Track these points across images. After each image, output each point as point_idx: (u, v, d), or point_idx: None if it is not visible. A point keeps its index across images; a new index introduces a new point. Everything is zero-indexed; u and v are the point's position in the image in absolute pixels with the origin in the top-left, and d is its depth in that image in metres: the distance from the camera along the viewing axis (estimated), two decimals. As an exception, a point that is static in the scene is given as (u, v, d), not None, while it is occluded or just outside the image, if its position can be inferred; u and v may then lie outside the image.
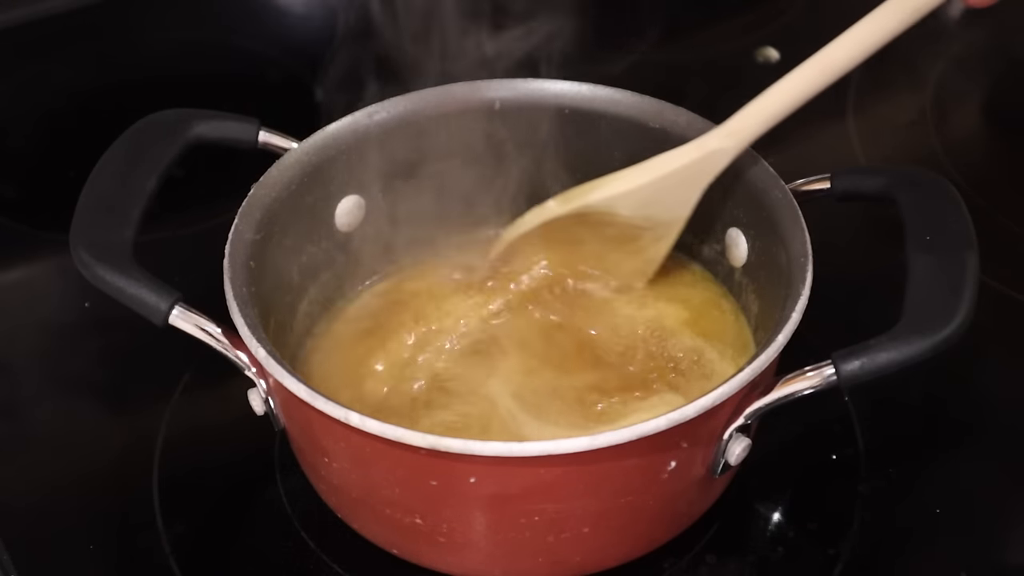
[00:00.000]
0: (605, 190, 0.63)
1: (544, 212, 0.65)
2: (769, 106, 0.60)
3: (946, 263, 0.55)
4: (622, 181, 0.63)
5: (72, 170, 0.68)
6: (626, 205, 0.63)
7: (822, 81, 0.58)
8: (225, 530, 0.65)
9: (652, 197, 0.62)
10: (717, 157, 0.61)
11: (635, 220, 0.63)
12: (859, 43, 0.57)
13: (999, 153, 0.91)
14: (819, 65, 0.58)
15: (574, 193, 0.64)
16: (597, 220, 0.64)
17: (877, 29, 0.57)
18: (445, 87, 0.68)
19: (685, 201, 0.63)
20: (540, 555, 0.57)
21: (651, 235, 0.65)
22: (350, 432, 0.52)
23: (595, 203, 0.63)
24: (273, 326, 0.62)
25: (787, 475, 0.66)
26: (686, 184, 0.62)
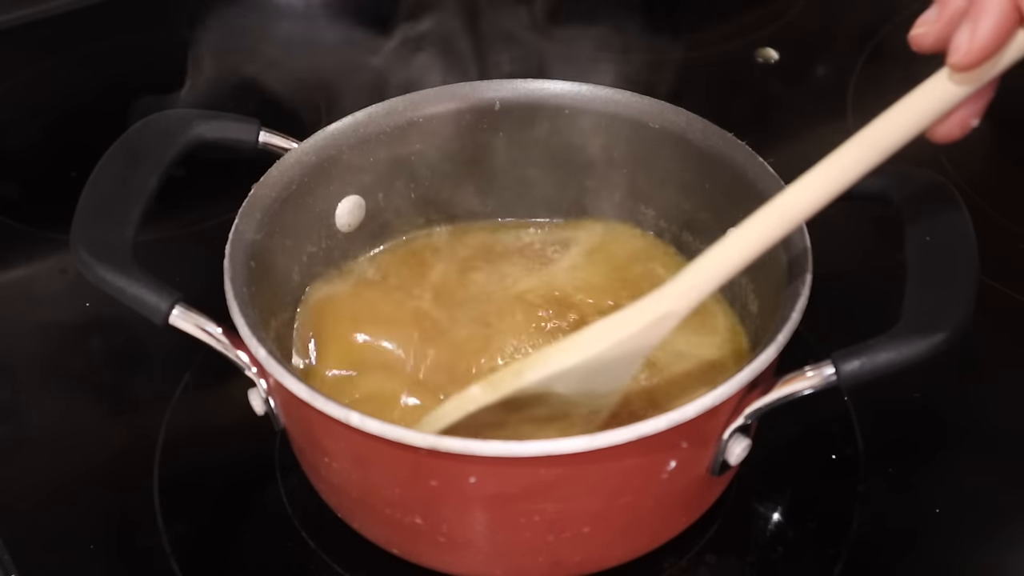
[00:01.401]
0: (540, 369, 0.54)
1: (468, 402, 0.55)
2: (725, 261, 0.53)
3: (946, 263, 0.55)
4: (559, 357, 0.54)
5: (73, 170, 0.68)
6: (563, 384, 0.54)
7: (784, 226, 0.53)
8: (225, 530, 0.65)
9: (593, 371, 0.54)
10: (667, 320, 0.53)
11: (572, 398, 0.55)
12: (824, 184, 0.52)
13: (999, 153, 0.91)
14: (781, 209, 0.53)
15: (502, 377, 0.54)
16: (526, 402, 0.55)
17: (845, 169, 0.51)
18: (445, 87, 0.68)
19: (626, 371, 0.56)
20: (540, 555, 0.57)
21: (584, 410, 0.57)
22: (350, 432, 0.52)
23: (529, 386, 0.54)
24: (273, 326, 0.62)
25: (787, 475, 0.66)
26: (631, 353, 0.54)
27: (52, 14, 1.03)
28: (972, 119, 0.51)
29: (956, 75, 0.50)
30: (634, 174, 0.70)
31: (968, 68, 0.49)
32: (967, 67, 0.49)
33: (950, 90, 0.50)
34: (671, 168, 0.68)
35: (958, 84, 0.50)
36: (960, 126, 0.51)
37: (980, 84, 0.50)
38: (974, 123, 0.52)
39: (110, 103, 0.94)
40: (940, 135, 0.52)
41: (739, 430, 0.55)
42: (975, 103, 0.51)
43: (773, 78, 0.97)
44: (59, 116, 0.95)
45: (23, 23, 1.02)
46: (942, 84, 0.50)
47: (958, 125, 0.51)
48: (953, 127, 0.51)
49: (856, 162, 0.51)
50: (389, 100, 0.67)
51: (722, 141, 0.65)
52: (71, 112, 0.95)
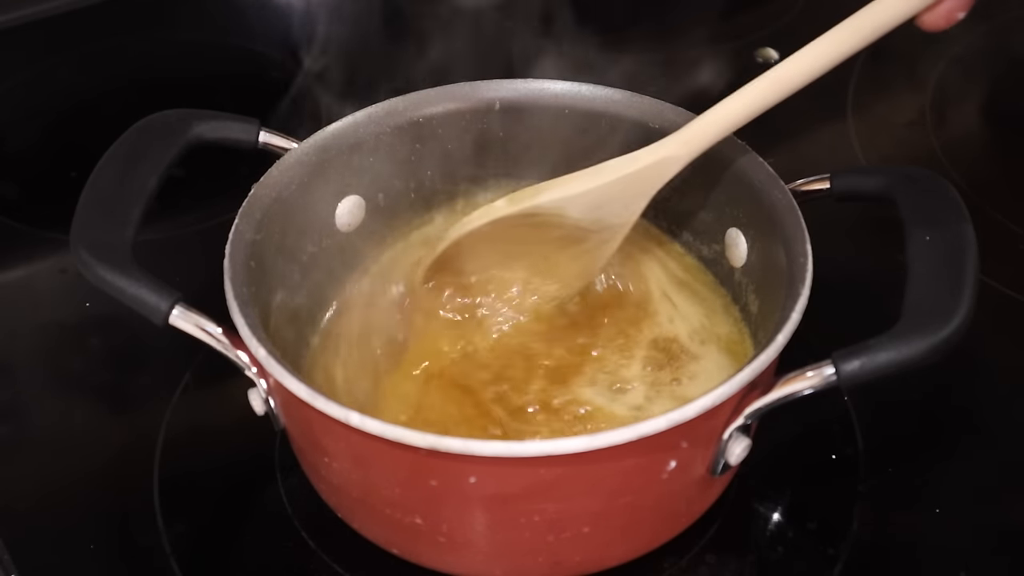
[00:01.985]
0: (556, 191, 0.62)
1: (492, 211, 0.63)
2: (725, 116, 0.60)
3: (946, 263, 0.55)
4: (573, 184, 0.62)
5: (73, 170, 0.68)
6: (576, 207, 0.62)
7: (779, 91, 0.58)
8: (225, 530, 0.65)
9: (602, 200, 0.62)
10: (669, 164, 0.61)
11: (583, 223, 0.63)
12: (816, 59, 0.57)
13: (999, 153, 0.91)
14: (776, 78, 0.58)
15: (524, 193, 0.63)
16: (544, 221, 0.63)
17: (838, 44, 0.57)
18: (445, 87, 0.68)
19: (634, 205, 0.63)
20: (540, 555, 0.57)
21: (597, 238, 0.64)
22: (350, 432, 0.52)
23: (545, 204, 0.62)
24: (273, 326, 0.62)
25: (787, 475, 0.66)
26: (637, 189, 0.62)
27: (52, 14, 1.03)
28: (958, 11, 0.55)
29: None
30: (634, 174, 0.70)
31: None
32: None
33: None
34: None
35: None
36: (946, 16, 0.55)
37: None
38: (960, 15, 0.56)
39: (110, 103, 0.94)
40: (928, 22, 0.56)
41: (739, 430, 0.55)
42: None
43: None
44: (59, 116, 0.95)
45: (23, 23, 1.02)
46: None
47: (944, 15, 0.55)
48: (939, 17, 0.56)
49: (850, 37, 0.56)
50: (389, 100, 0.67)
51: (722, 141, 0.64)
52: (71, 112, 0.95)
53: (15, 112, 0.95)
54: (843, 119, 0.91)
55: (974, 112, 0.96)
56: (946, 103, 0.93)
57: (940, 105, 0.92)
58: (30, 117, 0.95)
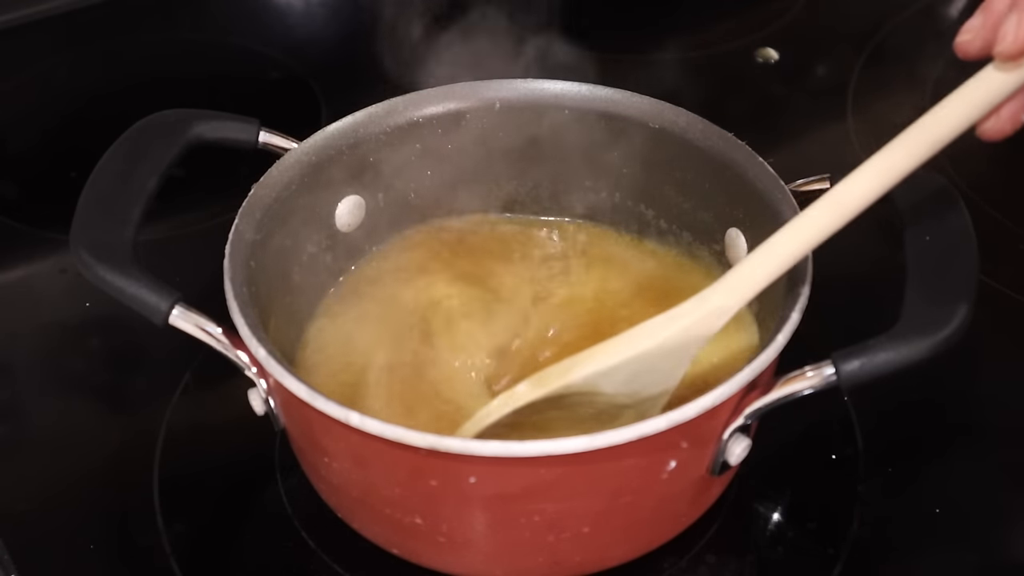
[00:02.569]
0: (588, 366, 0.53)
1: (514, 399, 0.55)
2: (777, 255, 0.53)
3: (946, 263, 0.55)
4: (607, 355, 0.54)
5: (73, 170, 0.68)
6: (611, 382, 0.54)
7: (836, 222, 0.52)
8: (225, 530, 0.65)
9: (642, 369, 0.54)
10: (716, 316, 0.53)
11: (618, 398, 0.55)
12: (876, 178, 0.51)
13: (999, 153, 0.91)
14: (834, 203, 0.52)
15: (550, 373, 0.54)
16: (572, 401, 0.55)
17: (896, 163, 0.51)
18: (445, 87, 0.68)
19: (675, 371, 0.55)
20: (540, 555, 0.57)
21: (633, 413, 0.56)
22: (350, 432, 0.52)
23: (576, 383, 0.54)
24: (273, 326, 0.62)
25: (787, 475, 0.66)
26: (679, 350, 0.54)
27: (52, 14, 1.03)
28: (1022, 113, 0.51)
29: (1004, 65, 0.49)
30: (634, 174, 0.70)
31: (1016, 57, 0.48)
32: (1015, 56, 0.48)
33: (998, 82, 0.50)
34: (671, 168, 0.68)
35: (1006, 74, 0.49)
36: (1012, 120, 0.51)
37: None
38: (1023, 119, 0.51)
39: (110, 103, 0.94)
40: (991, 131, 0.51)
41: (739, 430, 0.55)
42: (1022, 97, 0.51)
43: (773, 78, 0.97)
44: (59, 116, 0.95)
45: (23, 23, 1.02)
46: (991, 76, 0.50)
47: (1009, 119, 0.51)
48: (1004, 121, 0.51)
49: (908, 155, 0.51)
50: (389, 100, 0.67)
51: (722, 141, 0.65)
52: (71, 112, 0.95)
53: (15, 112, 0.95)
54: (843, 119, 0.91)
55: (974, 112, 0.95)
56: (946, 103, 0.93)
57: (940, 105, 0.92)
58: (30, 117, 0.95)
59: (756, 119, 0.91)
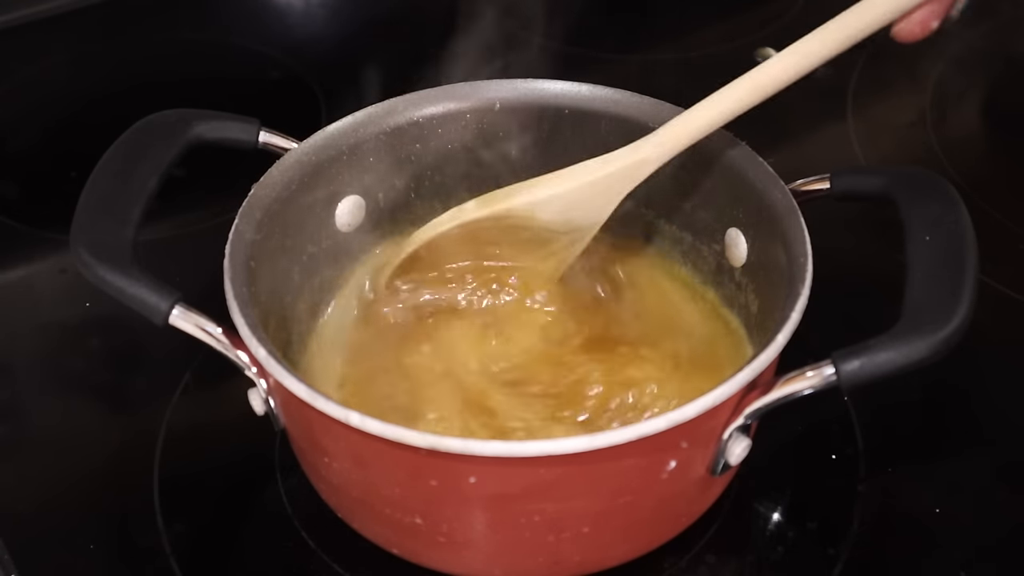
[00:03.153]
0: (527, 194, 0.62)
1: (462, 213, 0.64)
2: (700, 118, 0.60)
3: (946, 263, 0.55)
4: (544, 186, 0.62)
5: (73, 170, 0.68)
6: (546, 210, 0.63)
7: (755, 95, 0.59)
8: (225, 530, 0.65)
9: (573, 203, 0.62)
10: (642, 166, 0.61)
11: (552, 225, 0.63)
12: (794, 62, 0.58)
13: (998, 153, 0.91)
14: (753, 80, 0.59)
15: (494, 196, 0.64)
16: (513, 224, 0.63)
17: (813, 50, 0.57)
18: (445, 87, 0.68)
19: (604, 207, 0.63)
20: (540, 555, 0.57)
21: (566, 239, 0.64)
22: (350, 432, 0.52)
23: (516, 207, 0.63)
24: (273, 326, 0.62)
25: (787, 475, 0.66)
26: (608, 191, 0.62)
27: (52, 14, 1.03)
28: (933, 20, 0.56)
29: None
30: (634, 174, 0.70)
31: None
32: None
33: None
34: (671, 168, 0.67)
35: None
36: (922, 25, 0.56)
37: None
38: (934, 25, 0.56)
39: (110, 103, 0.94)
40: (902, 33, 0.57)
41: (739, 430, 0.55)
42: (936, 5, 0.56)
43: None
44: (59, 116, 0.95)
45: (23, 23, 1.02)
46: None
47: (919, 23, 0.56)
48: (914, 25, 0.56)
49: (824, 45, 0.57)
50: (389, 100, 0.67)
51: (722, 141, 0.65)
52: (71, 112, 0.95)
53: (15, 112, 0.95)
54: (843, 119, 0.91)
55: (974, 112, 0.96)
56: (946, 103, 0.93)
57: (940, 105, 0.92)
58: (30, 117, 0.95)
59: (756, 119, 0.90)
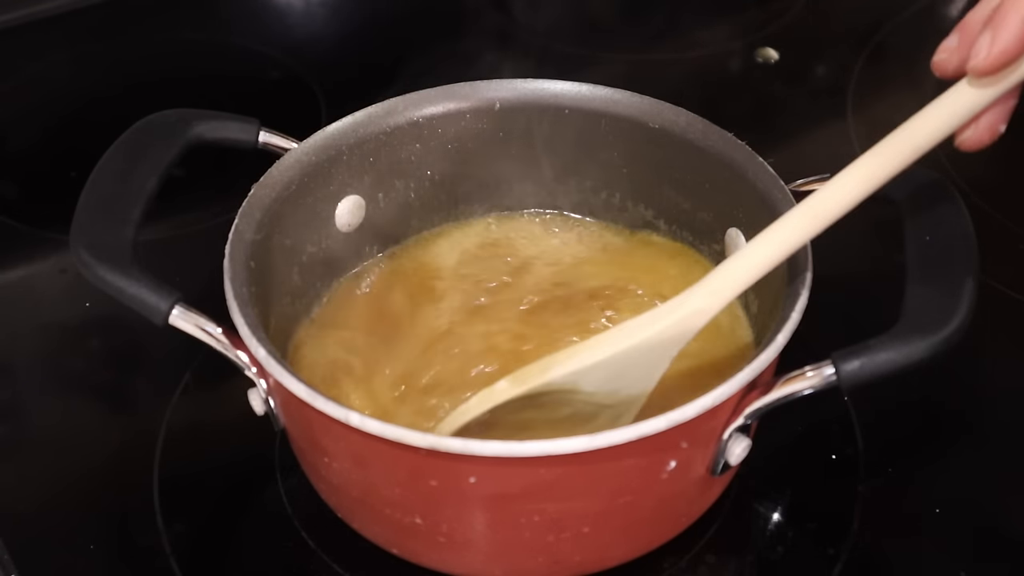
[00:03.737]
0: (567, 364, 0.54)
1: (493, 395, 0.55)
2: (757, 260, 0.54)
3: (946, 263, 0.55)
4: (586, 354, 0.54)
5: (72, 170, 0.68)
6: (590, 380, 0.54)
7: (812, 229, 0.53)
8: (225, 530, 0.65)
9: (620, 369, 0.54)
10: (695, 319, 0.54)
11: (596, 397, 0.55)
12: (854, 187, 0.53)
13: (999, 153, 0.91)
14: (811, 212, 0.53)
15: (529, 371, 0.55)
16: (551, 400, 0.55)
17: (873, 172, 0.53)
18: (445, 87, 0.68)
19: (655, 370, 0.56)
20: (540, 555, 0.57)
21: (610, 413, 0.57)
22: (350, 432, 0.52)
23: (556, 381, 0.54)
24: (273, 326, 0.62)
25: (787, 475, 0.66)
26: (659, 350, 0.55)
27: (52, 14, 1.03)
28: (1000, 124, 0.52)
29: (978, 80, 0.50)
30: (634, 174, 0.70)
31: (988, 73, 0.49)
32: (987, 72, 0.49)
33: (974, 95, 0.51)
34: (671, 168, 0.68)
35: (981, 89, 0.50)
36: (989, 130, 0.52)
37: (1003, 90, 0.50)
38: (1002, 128, 0.52)
39: (110, 103, 0.94)
40: (969, 141, 0.52)
41: (739, 430, 0.55)
42: (1001, 107, 0.51)
43: (773, 78, 0.97)
44: (59, 116, 0.95)
45: (23, 23, 1.02)
46: (966, 90, 0.51)
47: (987, 130, 0.52)
48: (982, 132, 0.52)
49: (885, 164, 0.52)
50: (389, 100, 0.67)
51: (722, 141, 0.65)
52: (71, 112, 0.95)
53: (15, 112, 0.95)
54: (843, 119, 0.91)
55: (974, 112, 0.95)
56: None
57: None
58: (30, 116, 0.95)
59: (756, 119, 0.91)
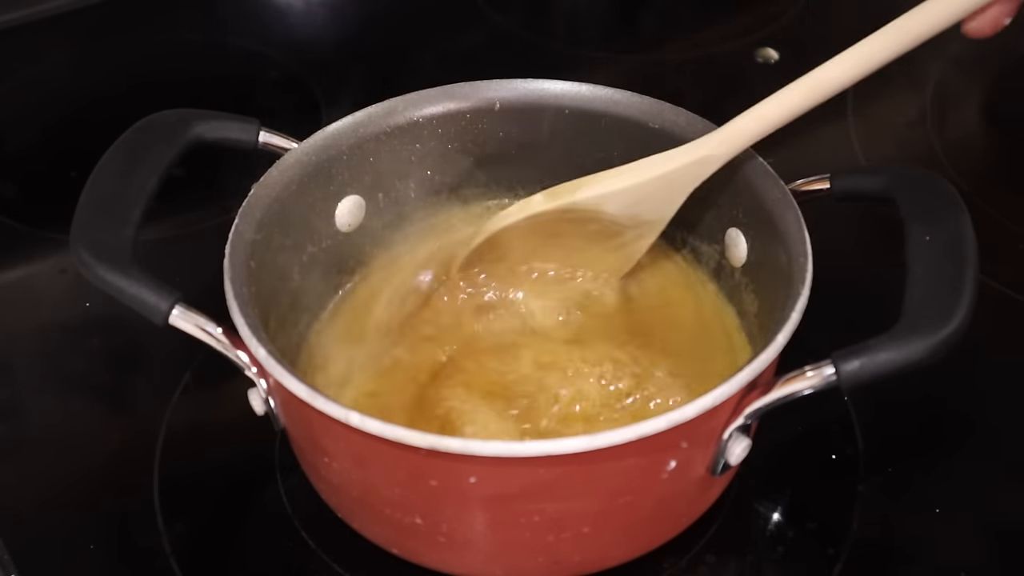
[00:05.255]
0: (594, 188, 0.64)
1: (530, 206, 0.65)
2: (763, 116, 0.60)
3: (946, 263, 0.55)
4: (611, 180, 0.63)
5: (72, 170, 0.68)
6: (613, 204, 0.64)
7: (817, 96, 0.59)
8: (225, 530, 0.65)
9: (639, 197, 0.63)
10: (707, 163, 0.61)
11: (619, 218, 0.64)
12: (857, 62, 0.57)
13: (999, 153, 0.91)
14: (816, 80, 0.58)
15: (562, 189, 0.65)
16: (581, 216, 0.64)
17: (877, 50, 0.56)
18: (445, 87, 0.68)
19: (671, 202, 0.64)
20: (540, 555, 0.57)
21: (633, 232, 0.65)
22: (350, 432, 0.52)
23: (583, 200, 0.64)
24: (273, 326, 0.62)
25: (787, 475, 0.66)
26: (674, 187, 0.63)
27: (52, 14, 1.03)
28: (1004, 17, 0.54)
29: None
30: (634, 174, 0.70)
31: None
32: None
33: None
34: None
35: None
36: (992, 23, 0.54)
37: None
38: (1006, 21, 0.54)
39: (110, 103, 0.94)
40: (973, 29, 0.55)
41: (739, 430, 0.55)
42: (1007, 2, 0.54)
43: (773, 78, 0.96)
44: (59, 116, 0.95)
45: (23, 23, 1.02)
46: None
47: (990, 22, 0.54)
48: (985, 23, 0.54)
49: (888, 44, 0.56)
50: (389, 100, 0.67)
51: (722, 141, 0.64)
52: (71, 112, 0.95)
53: (15, 112, 0.95)
54: (843, 119, 0.91)
55: (974, 112, 0.95)
56: (946, 103, 0.93)
57: (940, 105, 0.92)
58: (30, 117, 0.95)
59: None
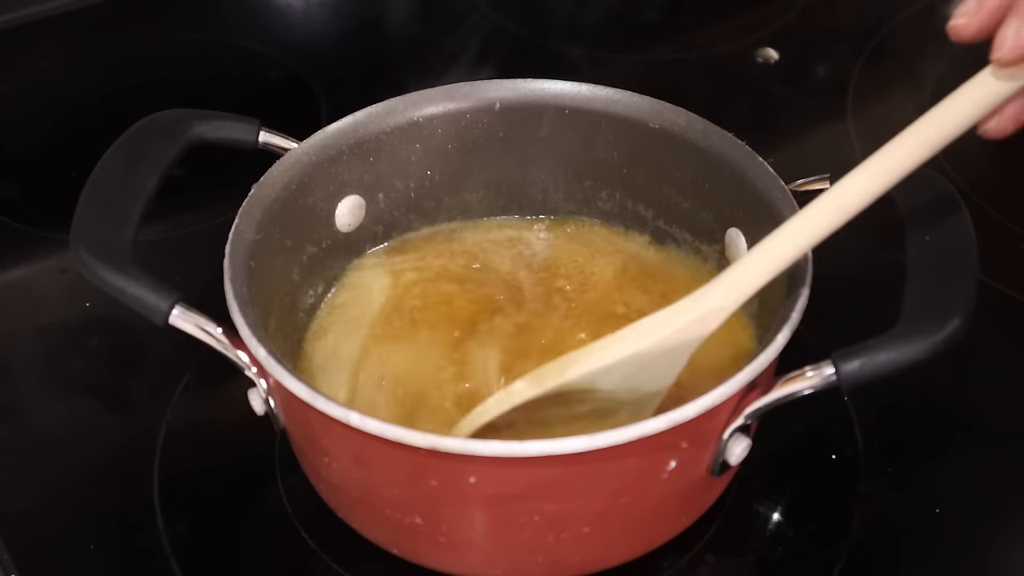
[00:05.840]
0: (585, 364, 0.54)
1: (511, 396, 0.55)
2: (775, 254, 0.53)
3: (946, 263, 0.55)
4: (604, 353, 0.54)
5: (72, 170, 0.68)
6: (608, 379, 0.54)
7: (831, 224, 0.52)
8: (225, 530, 0.65)
9: (638, 367, 0.54)
10: (713, 316, 0.53)
11: (615, 394, 0.55)
12: (871, 181, 0.51)
13: (999, 153, 0.91)
14: (830, 204, 0.52)
15: (547, 371, 0.55)
16: (570, 398, 0.55)
17: (892, 165, 0.51)
18: (445, 87, 0.68)
19: (672, 368, 0.55)
20: (540, 555, 0.57)
21: (630, 409, 0.57)
22: (350, 432, 0.52)
23: (574, 380, 0.54)
24: (273, 326, 0.62)
25: (787, 475, 0.66)
26: (676, 349, 0.54)
27: (52, 14, 1.03)
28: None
29: (1003, 71, 0.49)
30: (634, 174, 0.70)
31: (1014, 63, 0.49)
32: (1012, 63, 0.48)
33: (998, 85, 0.50)
34: (671, 168, 0.68)
35: (1006, 80, 0.49)
36: (1014, 120, 0.51)
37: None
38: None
39: (110, 103, 0.94)
40: (994, 130, 0.51)
41: (739, 430, 0.55)
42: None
43: (773, 78, 0.97)
44: (59, 116, 0.95)
45: (23, 23, 1.02)
46: (989, 79, 0.50)
47: (1011, 119, 0.51)
48: (1007, 121, 0.51)
49: (906, 156, 0.51)
50: (389, 100, 0.67)
51: (722, 141, 0.65)
52: (71, 112, 0.95)
53: (15, 112, 0.95)
54: (843, 119, 0.91)
55: (974, 112, 0.95)
56: (946, 103, 0.93)
57: (940, 105, 0.92)
58: (30, 117, 0.95)
59: (756, 119, 0.91)
